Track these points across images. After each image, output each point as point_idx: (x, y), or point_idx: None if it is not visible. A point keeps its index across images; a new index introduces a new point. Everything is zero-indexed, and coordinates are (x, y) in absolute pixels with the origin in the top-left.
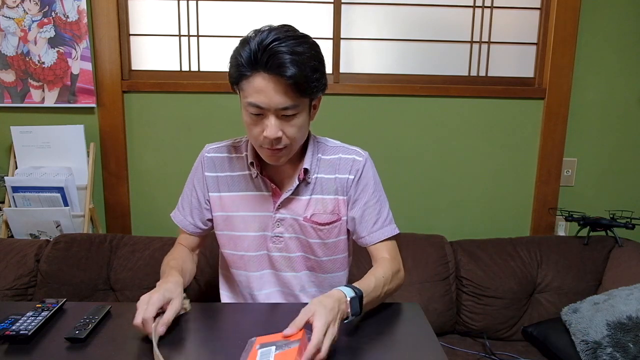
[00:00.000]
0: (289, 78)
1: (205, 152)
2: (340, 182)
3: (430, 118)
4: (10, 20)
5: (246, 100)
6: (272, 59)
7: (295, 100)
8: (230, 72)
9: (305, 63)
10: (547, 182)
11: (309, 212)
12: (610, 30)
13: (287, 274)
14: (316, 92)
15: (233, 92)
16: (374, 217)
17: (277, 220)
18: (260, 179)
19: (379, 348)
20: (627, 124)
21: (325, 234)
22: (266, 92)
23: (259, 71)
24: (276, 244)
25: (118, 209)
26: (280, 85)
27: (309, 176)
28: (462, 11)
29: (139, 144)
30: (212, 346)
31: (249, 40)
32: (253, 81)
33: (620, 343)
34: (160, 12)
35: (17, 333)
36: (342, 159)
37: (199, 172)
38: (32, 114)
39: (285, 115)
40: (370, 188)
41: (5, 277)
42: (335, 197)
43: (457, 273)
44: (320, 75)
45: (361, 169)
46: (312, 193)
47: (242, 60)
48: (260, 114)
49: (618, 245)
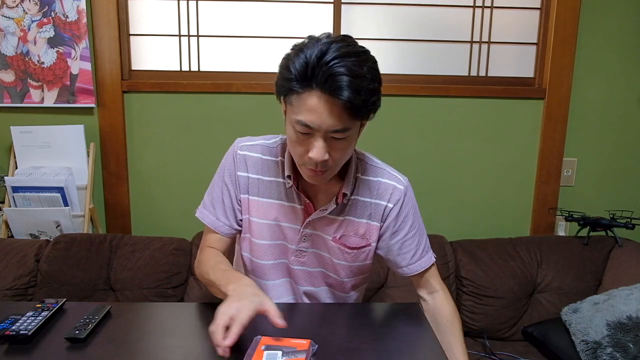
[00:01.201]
0: (346, 102)
1: (238, 149)
2: (377, 208)
3: (430, 118)
4: (9, 20)
5: (295, 117)
6: (330, 79)
7: (348, 123)
8: (279, 82)
9: (365, 87)
10: (547, 182)
11: (339, 233)
12: (610, 30)
13: (305, 288)
14: (370, 114)
15: (233, 92)
16: (413, 248)
17: (304, 235)
18: (294, 191)
19: (379, 348)
20: (627, 124)
21: (352, 258)
22: (319, 113)
23: (313, 88)
24: (298, 258)
25: (118, 209)
26: (335, 107)
27: (347, 198)
28: (462, 11)
29: (139, 144)
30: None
31: (305, 50)
32: (306, 99)
33: (620, 343)
34: (160, 12)
35: (17, 333)
36: (382, 183)
37: (231, 169)
38: (31, 114)
39: (334, 137)
40: (411, 219)
41: (5, 277)
42: (368, 221)
43: (457, 273)
44: (377, 98)
45: (402, 198)
46: (346, 214)
47: (296, 72)
48: (308, 133)
49: (618, 245)
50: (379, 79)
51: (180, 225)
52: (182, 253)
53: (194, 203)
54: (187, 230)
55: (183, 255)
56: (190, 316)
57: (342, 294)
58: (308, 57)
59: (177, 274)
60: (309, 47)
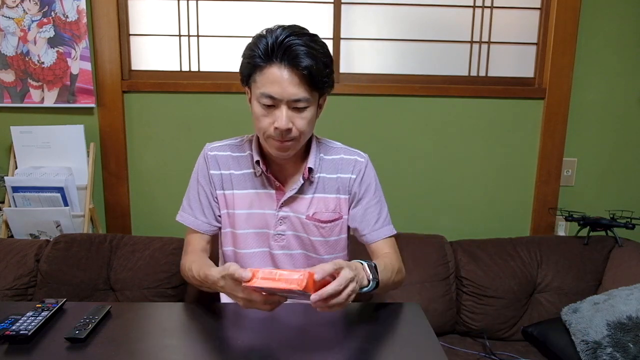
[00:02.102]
0: (303, 69)
1: (208, 151)
2: (342, 182)
3: (430, 118)
4: (10, 20)
5: (259, 91)
6: (288, 50)
7: (308, 93)
8: (243, 65)
9: (319, 58)
10: (547, 182)
11: (312, 211)
12: (610, 30)
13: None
14: (326, 88)
15: (233, 92)
16: (375, 216)
17: (280, 218)
18: (265, 177)
19: (379, 348)
20: (627, 124)
21: (327, 232)
22: (280, 83)
23: (274, 62)
24: (278, 242)
25: (118, 209)
26: (294, 77)
27: (313, 175)
28: (462, 11)
29: (139, 144)
30: (211, 346)
31: (265, 35)
32: (267, 72)
33: (620, 343)
34: (160, 12)
35: (17, 333)
36: (344, 159)
37: (204, 170)
38: (31, 114)
39: (296, 107)
40: (372, 188)
41: (5, 277)
42: (336, 196)
43: (457, 273)
44: (331, 72)
45: (363, 169)
46: (315, 192)
47: (259, 51)
48: (272, 105)
49: (618, 245)
50: (330, 56)
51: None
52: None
53: None
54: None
55: None
56: (190, 316)
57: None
58: (268, 38)
59: (177, 274)
60: (268, 33)
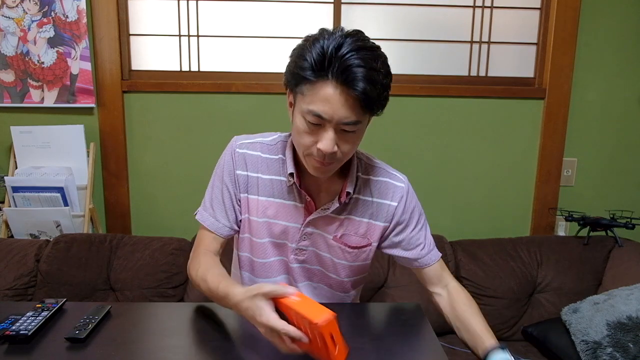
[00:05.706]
0: (360, 93)
1: (237, 147)
2: (379, 207)
3: (430, 118)
4: (9, 20)
5: (307, 107)
6: (347, 70)
7: (360, 116)
8: (291, 71)
9: (379, 80)
10: (547, 182)
11: (340, 232)
12: (610, 30)
13: (303, 284)
14: (380, 110)
15: (233, 92)
16: (422, 241)
17: (304, 233)
18: (296, 189)
19: (379, 348)
20: (627, 124)
21: (352, 257)
22: (332, 103)
23: (329, 79)
24: (298, 256)
25: (118, 209)
26: (348, 98)
27: (349, 197)
28: (462, 11)
29: (139, 144)
30: (212, 346)
31: (320, 40)
32: (319, 88)
33: (620, 343)
34: (160, 12)
35: (17, 333)
36: (383, 182)
37: (230, 167)
38: (31, 114)
39: (344, 130)
40: (417, 214)
41: (5, 277)
42: (369, 220)
43: (457, 273)
44: (388, 93)
45: (405, 195)
46: (347, 213)
47: (312, 62)
48: (319, 123)
49: (618, 245)
50: (390, 75)
51: (180, 225)
52: (182, 253)
53: (194, 203)
54: (187, 230)
55: (183, 255)
56: (190, 316)
57: (340, 293)
58: (325, 47)
59: (177, 274)
60: (325, 39)
